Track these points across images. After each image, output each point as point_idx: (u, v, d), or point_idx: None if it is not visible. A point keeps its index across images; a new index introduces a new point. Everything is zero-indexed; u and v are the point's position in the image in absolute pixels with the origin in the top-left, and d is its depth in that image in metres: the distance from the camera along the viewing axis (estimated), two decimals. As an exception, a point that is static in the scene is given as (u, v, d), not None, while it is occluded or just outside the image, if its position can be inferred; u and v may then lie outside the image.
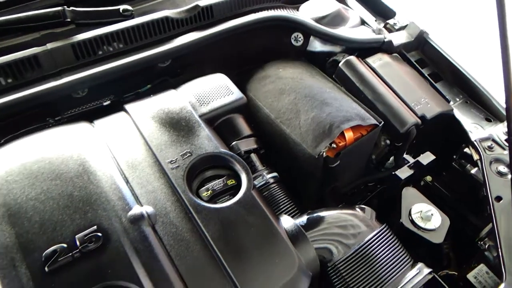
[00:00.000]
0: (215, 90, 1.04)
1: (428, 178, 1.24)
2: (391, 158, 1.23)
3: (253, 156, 1.02)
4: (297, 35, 1.29)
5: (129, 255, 0.71)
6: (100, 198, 0.77)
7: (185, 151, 0.88)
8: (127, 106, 0.97)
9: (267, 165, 1.03)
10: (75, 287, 0.67)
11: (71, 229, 0.73)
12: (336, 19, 1.33)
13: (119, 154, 0.86)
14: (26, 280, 0.67)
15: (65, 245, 0.71)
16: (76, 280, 0.68)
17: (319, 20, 1.30)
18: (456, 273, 1.06)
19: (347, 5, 1.43)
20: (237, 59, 1.25)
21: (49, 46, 0.98)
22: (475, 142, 1.12)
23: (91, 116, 0.96)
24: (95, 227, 0.73)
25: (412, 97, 1.15)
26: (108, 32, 1.04)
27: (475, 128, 1.18)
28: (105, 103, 1.11)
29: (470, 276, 0.98)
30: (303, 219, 0.89)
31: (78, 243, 0.71)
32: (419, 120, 1.10)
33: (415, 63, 1.31)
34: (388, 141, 1.15)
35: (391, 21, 1.41)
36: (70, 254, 0.70)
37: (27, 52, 0.96)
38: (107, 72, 1.01)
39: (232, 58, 1.24)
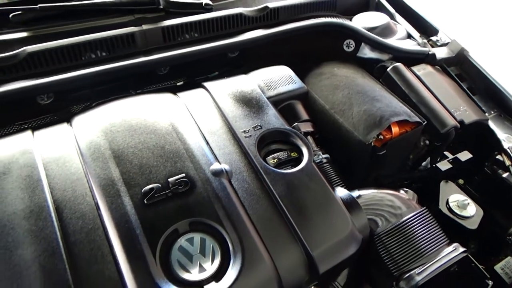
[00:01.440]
0: (280, 78, 1.19)
1: (460, 181, 1.35)
2: (424, 162, 1.35)
3: (310, 138, 1.15)
4: (349, 42, 1.44)
5: (212, 199, 0.84)
6: (187, 152, 0.91)
7: (256, 124, 1.02)
8: (206, 84, 1.12)
9: (320, 148, 1.16)
10: (168, 218, 0.80)
11: (164, 173, 0.87)
12: (385, 31, 1.47)
13: (200, 121, 1.01)
14: (129, 208, 0.80)
15: (159, 185, 0.84)
16: (168, 213, 0.81)
17: (370, 30, 1.44)
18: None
19: (395, 20, 1.57)
20: (294, 57, 1.40)
21: (144, 27, 1.14)
22: (508, 150, 1.23)
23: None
24: (183, 174, 0.87)
25: (452, 103, 1.28)
26: (191, 21, 1.21)
27: (508, 137, 1.29)
28: (178, 84, 1.27)
29: (497, 267, 1.07)
30: (354, 193, 1.01)
31: (170, 185, 0.85)
32: (458, 124, 1.22)
33: (454, 76, 1.43)
34: (427, 142, 1.27)
35: (434, 38, 1.55)
36: (164, 192, 0.83)
37: (125, 30, 1.13)
38: (187, 55, 1.16)
39: (290, 56, 1.38)
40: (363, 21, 1.49)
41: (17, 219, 0.76)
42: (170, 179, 0.85)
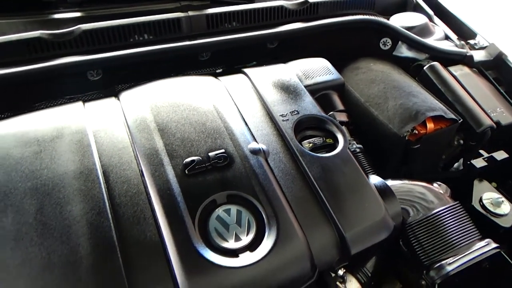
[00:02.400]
0: (318, 68, 1.21)
1: (494, 184, 1.33)
2: (457, 164, 1.34)
3: (344, 128, 1.16)
4: (386, 40, 1.45)
5: (249, 175, 0.87)
6: (226, 130, 0.95)
7: (293, 109, 1.04)
8: (245, 70, 1.15)
9: (353, 138, 1.17)
10: (207, 188, 0.83)
11: (204, 148, 0.90)
12: (423, 31, 1.48)
13: (240, 103, 1.04)
14: (171, 177, 0.84)
15: (200, 158, 0.88)
16: (207, 184, 0.84)
17: (407, 29, 1.45)
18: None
19: (433, 21, 1.57)
20: (331, 53, 1.42)
21: (190, 13, 1.19)
22: (545, 154, 1.21)
23: None
24: (223, 150, 0.90)
25: (488, 104, 1.27)
26: (234, 10, 1.25)
27: (545, 142, 1.27)
28: (217, 71, 1.31)
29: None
30: (388, 182, 1.01)
31: (210, 158, 0.88)
32: (494, 124, 1.21)
33: (492, 79, 1.42)
34: (461, 141, 1.27)
35: (471, 41, 1.54)
36: (204, 165, 0.87)
37: (172, 15, 1.18)
38: (229, 41, 1.21)
39: (326, 52, 1.40)
40: (401, 20, 1.50)
41: (68, 179, 0.81)
42: (210, 154, 0.89)
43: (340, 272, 0.90)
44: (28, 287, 0.67)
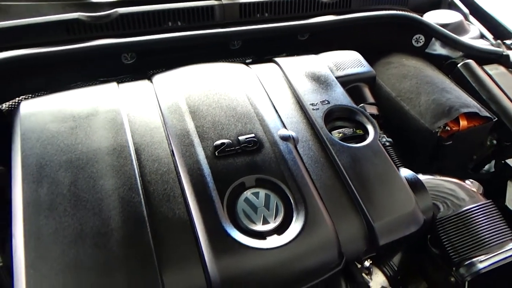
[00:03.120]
0: (350, 61, 1.20)
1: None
2: (487, 165, 1.30)
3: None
4: (419, 37, 1.42)
5: (278, 160, 0.87)
6: (257, 116, 0.95)
7: (324, 99, 1.03)
8: (276, 59, 1.15)
9: (383, 132, 1.16)
10: (236, 171, 0.83)
11: (235, 131, 0.90)
12: (458, 29, 1.45)
13: (270, 91, 1.04)
14: (201, 157, 0.84)
15: (230, 141, 0.88)
16: (237, 167, 0.84)
17: (442, 27, 1.42)
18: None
19: (468, 20, 1.54)
20: (362, 48, 1.40)
21: (224, 1, 1.20)
22: None
23: None
24: (253, 134, 0.90)
25: (525, 105, 1.23)
26: (267, 1, 1.25)
27: None
28: (247, 61, 1.32)
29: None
30: (419, 176, 0.99)
31: (240, 142, 0.88)
32: (530, 124, 1.17)
33: (529, 80, 1.38)
34: (494, 141, 1.23)
35: (508, 41, 1.50)
36: (234, 148, 0.87)
37: (206, 3, 1.19)
38: (262, 30, 1.21)
39: (357, 46, 1.39)
40: (435, 17, 1.47)
41: (101, 154, 0.83)
42: (240, 137, 0.89)
43: (367, 263, 0.88)
44: (61, 254, 0.69)
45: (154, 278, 0.68)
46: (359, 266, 0.88)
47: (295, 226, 0.78)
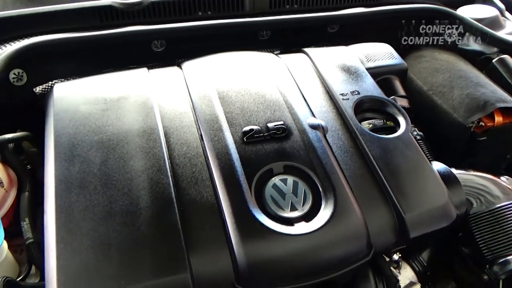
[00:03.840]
0: (381, 52, 1.18)
1: None
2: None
3: (405, 112, 1.12)
4: (452, 31, 1.39)
5: (307, 148, 0.85)
6: (286, 104, 0.94)
7: (354, 90, 1.02)
8: (306, 49, 1.14)
9: (414, 126, 1.13)
10: (264, 157, 0.82)
11: (263, 118, 0.90)
12: (493, 24, 1.40)
13: (299, 80, 1.03)
14: (230, 142, 0.84)
15: (259, 128, 0.87)
16: (265, 153, 0.83)
17: (477, 21, 1.38)
18: None
19: (504, 16, 1.49)
20: (393, 40, 1.38)
21: (255, -9, 1.20)
22: None
23: None
24: (282, 122, 0.89)
25: None
26: None
27: None
28: (275, 53, 1.31)
29: None
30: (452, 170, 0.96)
31: (268, 129, 0.87)
32: None
33: None
34: (530, 140, 1.18)
35: (546, 40, 1.44)
36: (262, 135, 0.86)
37: None
38: (291, 20, 1.20)
39: (388, 38, 1.36)
40: (469, 12, 1.42)
41: (132, 136, 0.84)
42: (269, 124, 0.88)
43: (395, 257, 0.86)
44: (90, 230, 0.69)
45: (181, 259, 0.68)
46: (387, 259, 0.85)
47: (324, 213, 0.76)
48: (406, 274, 0.89)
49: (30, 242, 0.83)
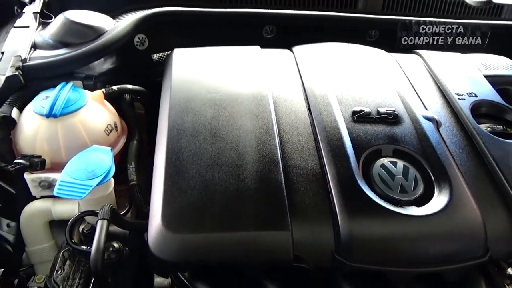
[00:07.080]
0: (499, 63, 1.11)
1: None
2: None
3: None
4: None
5: (419, 136, 0.80)
6: (398, 94, 0.90)
7: (471, 91, 0.95)
8: (419, 51, 1.10)
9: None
10: (373, 137, 0.78)
11: (375, 103, 0.87)
12: None
13: (411, 76, 0.99)
14: (339, 118, 0.82)
15: (369, 110, 0.84)
16: (374, 134, 0.79)
17: None
18: None
19: None
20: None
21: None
22: None
23: None
24: (393, 108, 0.86)
25: None
26: None
27: None
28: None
29: None
30: None
31: (379, 112, 0.84)
32: None
33: None
34: None
35: None
36: (372, 116, 0.83)
37: None
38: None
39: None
40: None
41: (242, 99, 0.85)
42: (379, 108, 0.85)
43: (511, 271, 0.76)
44: (197, 174, 0.70)
45: (283, 216, 0.65)
46: (501, 272, 0.75)
47: (438, 200, 0.70)
48: (519, 293, 0.77)
49: (133, 184, 0.86)
